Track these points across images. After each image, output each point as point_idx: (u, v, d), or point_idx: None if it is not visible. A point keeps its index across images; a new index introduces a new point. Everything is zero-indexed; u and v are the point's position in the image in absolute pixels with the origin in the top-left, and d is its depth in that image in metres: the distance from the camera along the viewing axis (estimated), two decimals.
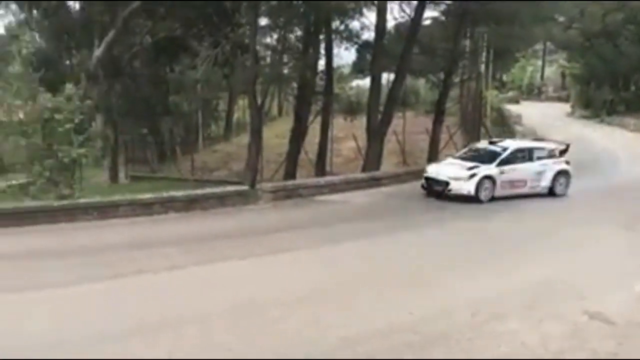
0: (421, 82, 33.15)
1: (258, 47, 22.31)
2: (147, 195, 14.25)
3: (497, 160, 16.85)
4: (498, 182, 16.51)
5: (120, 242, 11.23)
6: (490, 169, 16.57)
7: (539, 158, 17.42)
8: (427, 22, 24.25)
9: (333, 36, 24.20)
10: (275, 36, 26.75)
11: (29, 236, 11.54)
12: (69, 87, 14.25)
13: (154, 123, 25.81)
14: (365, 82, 27.95)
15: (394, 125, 23.30)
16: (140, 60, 23.87)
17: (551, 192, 17.30)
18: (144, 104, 22.60)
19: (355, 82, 31.77)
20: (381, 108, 22.06)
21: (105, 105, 21.08)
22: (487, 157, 17.03)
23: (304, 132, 23.41)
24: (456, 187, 16.39)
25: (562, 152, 17.92)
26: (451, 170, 16.82)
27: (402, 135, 24.62)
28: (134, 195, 14.31)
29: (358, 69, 29.19)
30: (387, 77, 25.07)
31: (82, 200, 13.51)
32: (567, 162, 17.65)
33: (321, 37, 23.71)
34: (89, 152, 14.73)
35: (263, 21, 24.02)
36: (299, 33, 24.63)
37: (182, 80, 21.18)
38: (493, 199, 16.23)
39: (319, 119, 24.23)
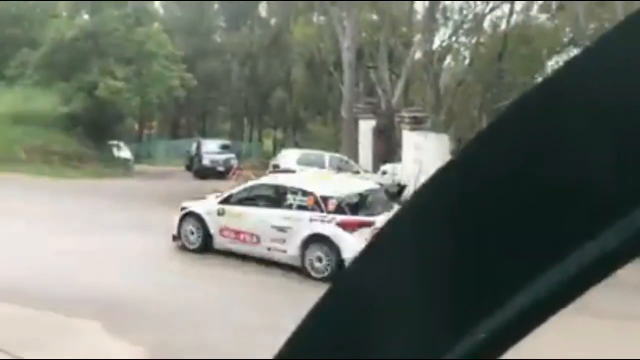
0: None
1: None
2: None
3: (224, 196, 11.73)
4: (214, 227, 11.44)
5: None
6: (207, 206, 11.74)
7: (300, 207, 10.81)
8: None
9: None
10: None
11: None
12: None
13: None
14: None
15: None
16: None
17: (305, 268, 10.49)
18: None
19: None
20: None
21: None
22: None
23: None
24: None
25: (350, 205, 10.70)
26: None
27: None
28: None
29: None
30: None
31: None
32: (346, 226, 10.24)
33: None
34: None
35: None
36: None
37: None
38: (218, 251, 11.29)
39: None
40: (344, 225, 10.41)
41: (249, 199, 11.57)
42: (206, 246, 11.62)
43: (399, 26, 34.45)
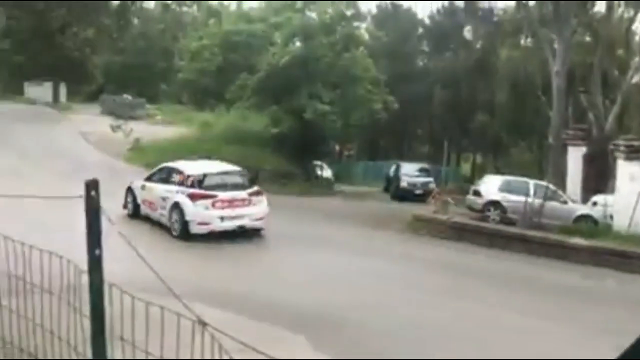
0: None
1: None
2: None
3: (148, 175, 16.02)
4: (140, 198, 15.47)
5: None
6: (138, 182, 15.78)
7: (179, 183, 14.56)
8: None
9: None
10: None
11: None
12: None
13: None
14: None
15: None
16: None
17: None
18: None
19: None
20: None
21: None
22: None
23: None
24: None
25: (198, 182, 14.30)
26: None
27: None
28: None
29: None
30: None
31: None
32: (192, 197, 13.94)
33: None
34: None
35: None
36: None
37: None
38: (146, 218, 15.14)
39: None
40: (191, 197, 13.86)
41: (160, 178, 15.24)
42: (136, 213, 15.38)
43: (615, 48, 32.26)
